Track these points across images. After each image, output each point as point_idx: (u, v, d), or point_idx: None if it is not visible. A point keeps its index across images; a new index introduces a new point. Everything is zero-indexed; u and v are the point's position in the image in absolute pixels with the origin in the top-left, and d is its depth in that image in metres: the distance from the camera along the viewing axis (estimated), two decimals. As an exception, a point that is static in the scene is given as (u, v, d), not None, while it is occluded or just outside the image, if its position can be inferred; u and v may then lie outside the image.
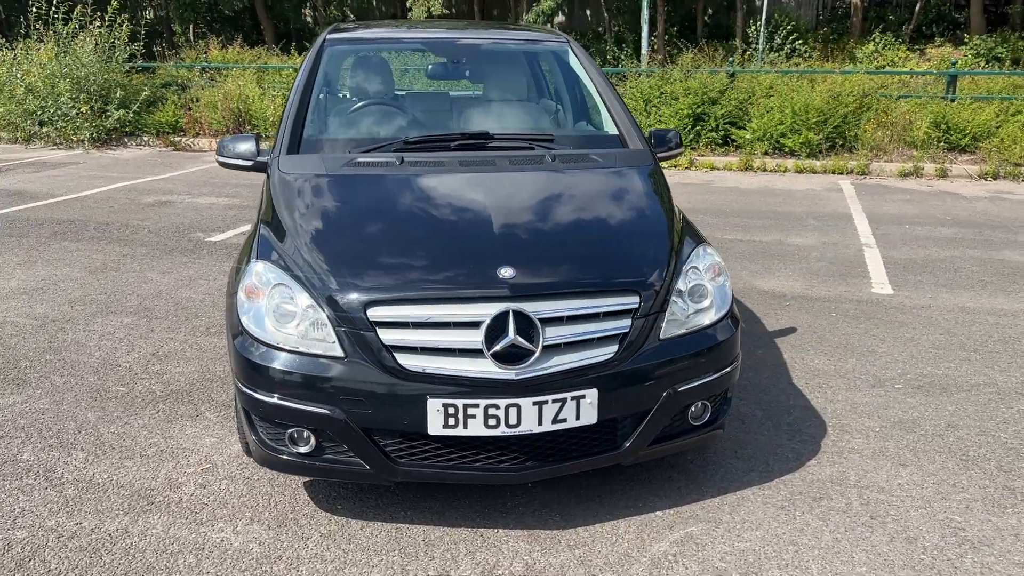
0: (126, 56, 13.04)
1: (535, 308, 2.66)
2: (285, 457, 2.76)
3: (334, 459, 2.73)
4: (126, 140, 12.72)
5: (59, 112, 12.37)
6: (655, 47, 19.81)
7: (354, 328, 2.64)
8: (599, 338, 2.73)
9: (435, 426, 2.62)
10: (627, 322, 2.76)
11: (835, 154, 10.30)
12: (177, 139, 12.56)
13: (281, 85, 12.81)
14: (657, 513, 2.96)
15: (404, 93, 4.19)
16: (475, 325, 2.63)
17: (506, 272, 2.72)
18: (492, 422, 2.61)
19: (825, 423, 3.64)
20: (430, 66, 4.32)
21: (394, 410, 2.63)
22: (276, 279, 2.81)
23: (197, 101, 12.66)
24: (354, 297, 2.67)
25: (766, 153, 10.47)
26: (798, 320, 4.98)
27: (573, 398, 2.66)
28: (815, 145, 10.26)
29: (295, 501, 3.01)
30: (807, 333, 4.76)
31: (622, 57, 14.44)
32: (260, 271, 2.86)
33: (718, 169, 10.51)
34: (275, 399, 2.68)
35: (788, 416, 3.71)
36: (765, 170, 10.38)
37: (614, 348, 2.72)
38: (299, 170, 3.33)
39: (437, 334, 2.64)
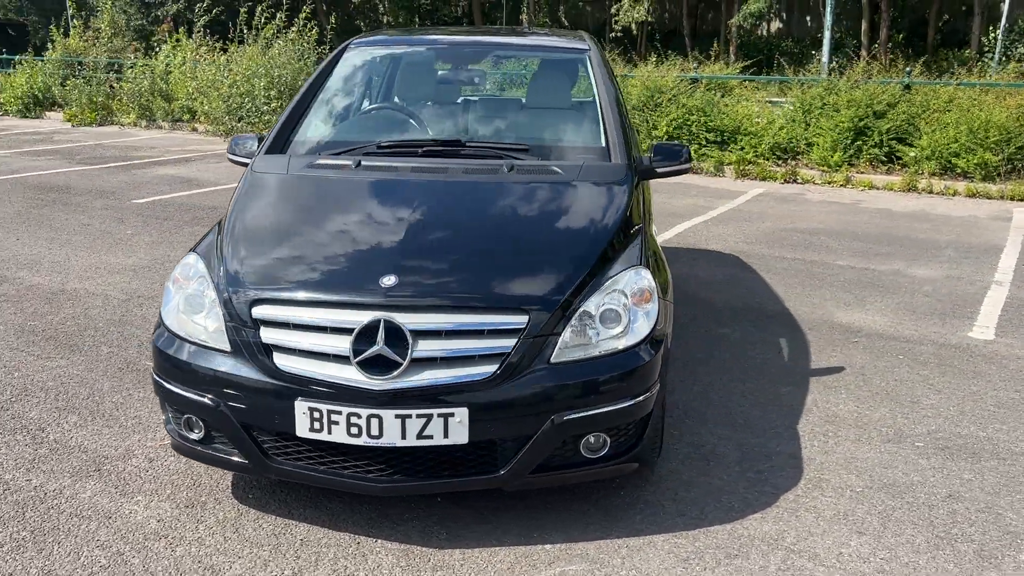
0: (314, 59, 14.09)
1: (409, 320, 2.62)
2: (185, 443, 2.90)
3: (220, 449, 2.84)
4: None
5: (254, 108, 13.60)
6: (876, 55, 18.41)
7: (241, 324, 2.73)
8: (479, 356, 2.63)
9: (303, 428, 2.64)
10: (511, 342, 2.64)
11: (1017, 178, 9.12)
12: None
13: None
14: (546, 546, 2.80)
15: (416, 98, 4.23)
16: (347, 331, 2.63)
17: (388, 281, 2.69)
18: (354, 431, 2.60)
19: (802, 475, 3.28)
20: (439, 72, 4.35)
21: (267, 408, 2.68)
22: (199, 272, 2.95)
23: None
24: (242, 295, 2.76)
25: (934, 174, 9.47)
26: (854, 359, 4.49)
27: (440, 415, 2.58)
28: (993, 167, 9.14)
29: (217, 486, 3.15)
30: (853, 375, 4.28)
31: (833, 66, 13.45)
32: (190, 262, 3.03)
33: (876, 189, 9.65)
34: (172, 385, 2.82)
35: (764, 463, 3.37)
36: (931, 192, 9.39)
37: (493, 368, 2.62)
38: (266, 170, 3.48)
39: (313, 337, 2.67)
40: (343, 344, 2.62)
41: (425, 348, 2.61)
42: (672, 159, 3.70)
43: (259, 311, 2.72)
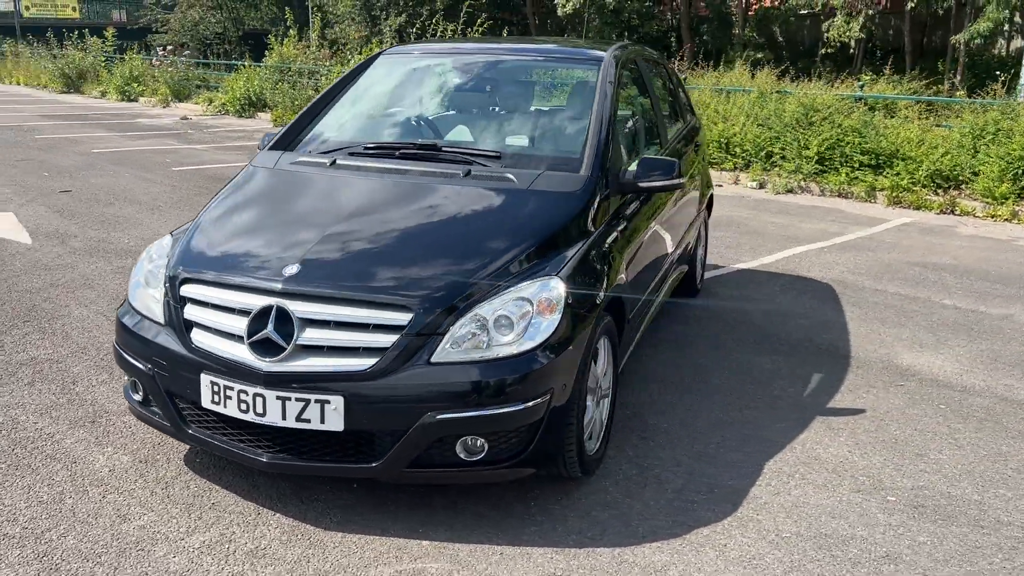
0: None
1: (300, 308, 2.78)
2: (132, 404, 3.23)
3: (155, 412, 3.13)
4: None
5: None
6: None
7: (172, 300, 3.02)
8: (361, 349, 2.75)
9: (206, 399, 2.88)
10: (392, 338, 2.73)
11: None
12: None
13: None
14: (423, 542, 2.85)
15: (426, 104, 4.36)
16: (247, 313, 2.83)
17: (289, 270, 2.87)
18: (243, 407, 2.80)
19: (732, 513, 3.09)
20: (454, 81, 4.46)
21: (183, 379, 2.94)
22: (164, 251, 3.28)
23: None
24: (175, 273, 3.05)
25: (1123, 213, 8.30)
26: (884, 404, 4.11)
27: (317, 401, 2.72)
28: None
29: (175, 448, 3.45)
30: (870, 419, 3.93)
31: None
32: (163, 243, 3.37)
33: (1050, 226, 8.60)
34: (124, 351, 3.16)
35: (701, 495, 3.21)
36: (1113, 234, 8.24)
37: (372, 361, 2.72)
38: (260, 163, 3.77)
39: (221, 317, 2.90)
40: (241, 325, 2.83)
41: (311, 336, 2.76)
42: (658, 173, 3.61)
43: (185, 289, 3.00)
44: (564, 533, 2.93)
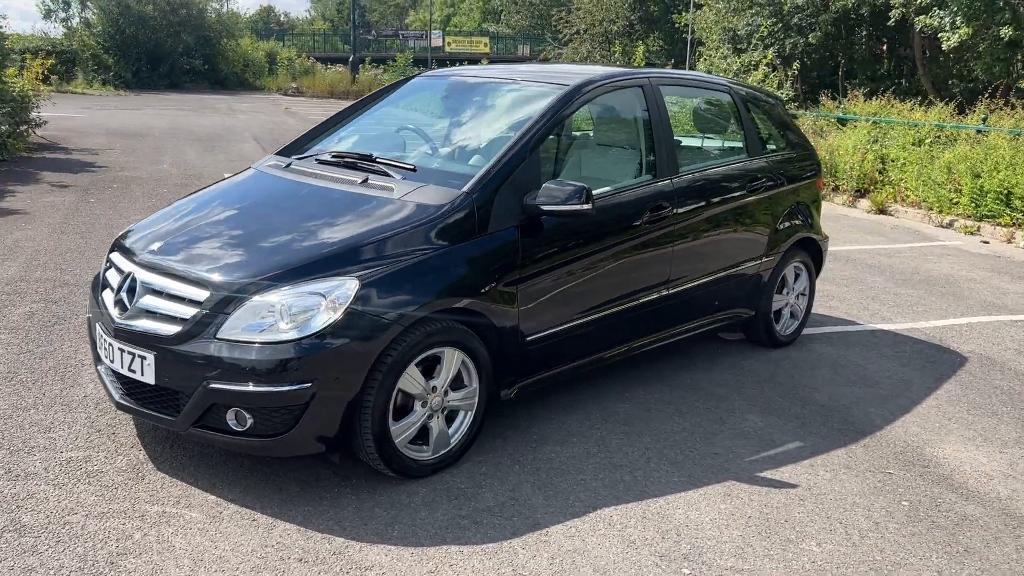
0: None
1: (144, 276, 3.36)
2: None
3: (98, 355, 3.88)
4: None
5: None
6: None
7: (106, 262, 3.77)
8: (175, 317, 3.23)
9: (97, 345, 3.57)
10: (192, 311, 3.18)
11: None
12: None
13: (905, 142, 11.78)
14: (209, 496, 3.22)
15: (420, 121, 4.62)
16: (124, 277, 3.47)
17: (154, 246, 3.47)
18: (105, 353, 3.44)
19: (513, 531, 3.01)
20: (444, 102, 4.63)
21: (93, 327, 3.66)
22: None
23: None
24: (111, 243, 3.79)
25: None
26: (829, 485, 3.55)
27: (140, 356, 3.27)
28: None
29: (159, 433, 3.78)
30: (790, 497, 3.44)
31: None
32: None
33: None
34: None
35: (518, 515, 3.15)
36: None
37: (176, 329, 3.19)
38: (251, 164, 4.39)
39: (113, 279, 3.57)
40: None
41: (147, 301, 3.31)
42: (558, 199, 3.57)
43: (111, 255, 3.72)
44: (321, 511, 3.13)
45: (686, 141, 5.10)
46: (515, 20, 53.48)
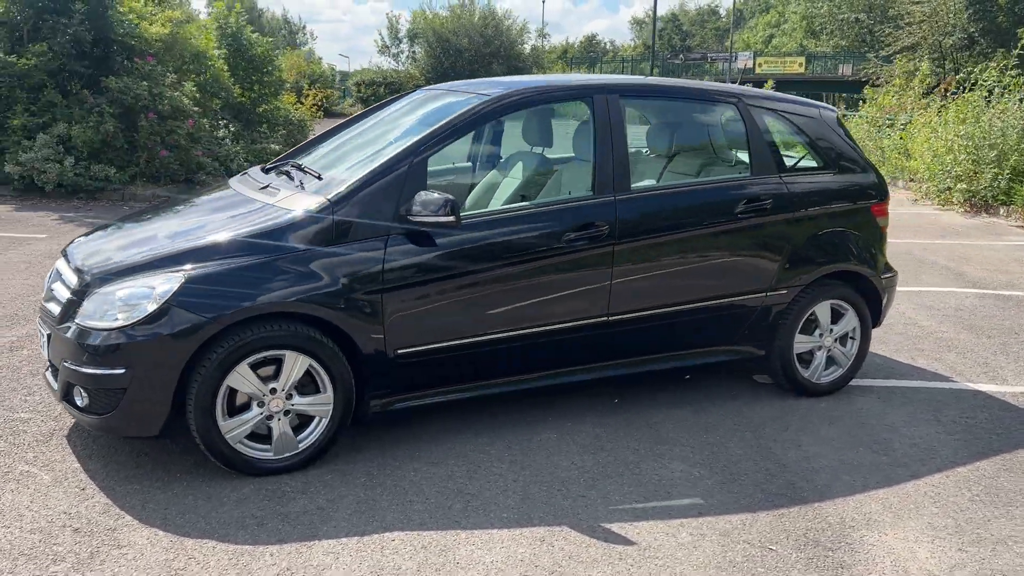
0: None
1: (58, 264, 3.85)
2: None
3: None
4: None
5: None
6: None
7: None
8: (59, 300, 3.64)
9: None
10: (67, 296, 3.59)
11: None
12: None
13: None
14: (77, 470, 3.61)
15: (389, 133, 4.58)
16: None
17: (82, 239, 3.95)
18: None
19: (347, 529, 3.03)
20: (413, 113, 4.49)
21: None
22: None
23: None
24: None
25: None
26: (695, 558, 3.07)
27: (45, 335, 3.73)
28: None
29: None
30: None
31: None
32: None
33: None
34: None
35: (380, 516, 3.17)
36: None
37: (58, 310, 3.59)
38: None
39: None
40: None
41: (54, 286, 3.77)
42: (429, 210, 3.52)
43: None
44: (159, 498, 3.36)
45: (655, 158, 4.62)
46: (834, 40, 50.42)
